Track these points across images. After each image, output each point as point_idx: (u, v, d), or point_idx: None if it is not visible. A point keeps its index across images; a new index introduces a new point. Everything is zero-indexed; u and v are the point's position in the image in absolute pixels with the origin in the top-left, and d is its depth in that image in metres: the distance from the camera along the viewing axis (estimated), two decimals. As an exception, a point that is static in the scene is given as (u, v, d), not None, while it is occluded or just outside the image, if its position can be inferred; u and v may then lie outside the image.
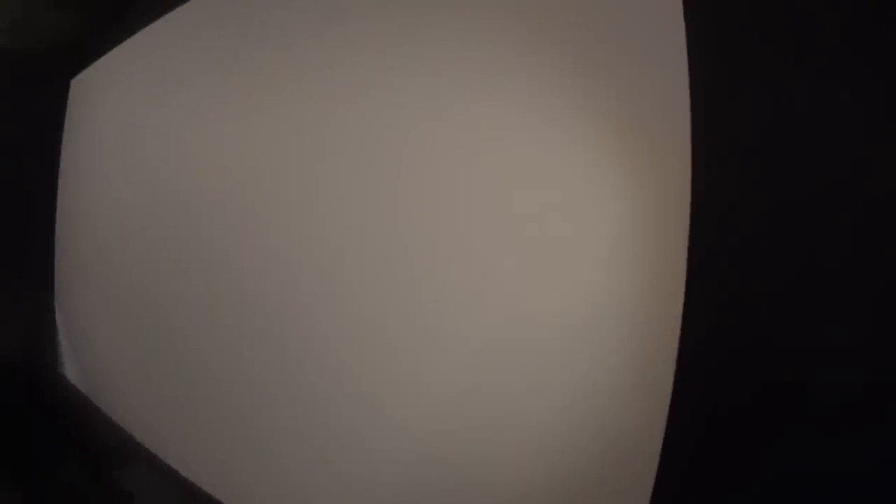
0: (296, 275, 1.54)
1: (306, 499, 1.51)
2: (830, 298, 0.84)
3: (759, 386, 0.88)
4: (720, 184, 0.91)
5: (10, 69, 2.24)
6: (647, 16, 1.00)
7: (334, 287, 1.45)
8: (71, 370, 2.31)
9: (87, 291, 2.27)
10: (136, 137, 2.11)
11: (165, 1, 1.95)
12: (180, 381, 1.86)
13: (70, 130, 2.36)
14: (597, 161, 1.04)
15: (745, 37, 0.91)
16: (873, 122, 0.83)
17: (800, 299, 0.86)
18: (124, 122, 2.17)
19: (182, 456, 1.81)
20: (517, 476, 1.12)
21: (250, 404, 1.64)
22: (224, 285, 1.72)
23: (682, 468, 0.94)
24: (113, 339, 2.12)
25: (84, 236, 2.29)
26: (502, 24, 1.18)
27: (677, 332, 0.93)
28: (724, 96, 0.92)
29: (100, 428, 2.03)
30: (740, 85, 0.91)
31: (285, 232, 1.57)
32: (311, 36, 1.55)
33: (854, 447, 0.81)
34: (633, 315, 0.99)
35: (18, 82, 2.27)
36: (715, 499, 0.91)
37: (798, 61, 0.88)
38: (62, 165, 2.36)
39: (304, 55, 1.56)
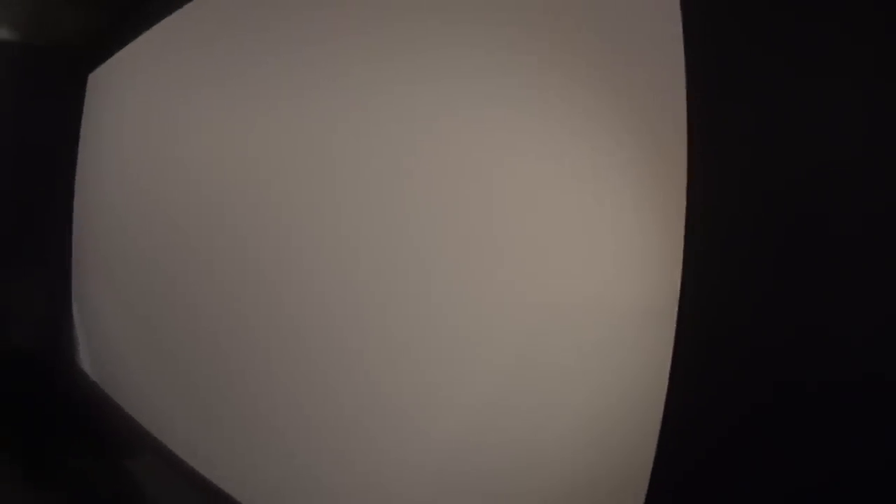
0: (316, 273, 1.53)
1: (321, 498, 1.51)
2: (828, 299, 0.83)
3: (760, 387, 0.87)
4: (716, 186, 0.90)
5: (27, 64, 2.28)
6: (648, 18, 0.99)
7: (355, 286, 1.44)
8: (86, 361, 2.35)
9: (103, 284, 2.30)
10: (154, 132, 2.13)
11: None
12: (195, 376, 1.88)
13: (87, 125, 2.39)
14: (618, 161, 1.03)
15: (743, 39, 0.90)
16: (873, 123, 0.82)
17: (799, 300, 0.85)
18: (141, 117, 2.20)
19: (195, 449, 1.84)
20: (546, 486, 1.10)
21: (266, 402, 1.65)
22: (242, 281, 1.73)
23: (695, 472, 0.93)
24: (129, 332, 2.16)
25: (101, 230, 2.32)
26: (509, 26, 1.18)
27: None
28: (722, 99, 0.91)
29: (112, 418, 2.07)
30: (737, 87, 0.90)
31: (307, 230, 1.57)
32: (329, 34, 1.55)
33: (853, 449, 0.81)
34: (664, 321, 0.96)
35: (36, 77, 2.30)
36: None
37: (797, 62, 0.86)
38: (79, 160, 2.40)
39: (322, 52, 1.56)
